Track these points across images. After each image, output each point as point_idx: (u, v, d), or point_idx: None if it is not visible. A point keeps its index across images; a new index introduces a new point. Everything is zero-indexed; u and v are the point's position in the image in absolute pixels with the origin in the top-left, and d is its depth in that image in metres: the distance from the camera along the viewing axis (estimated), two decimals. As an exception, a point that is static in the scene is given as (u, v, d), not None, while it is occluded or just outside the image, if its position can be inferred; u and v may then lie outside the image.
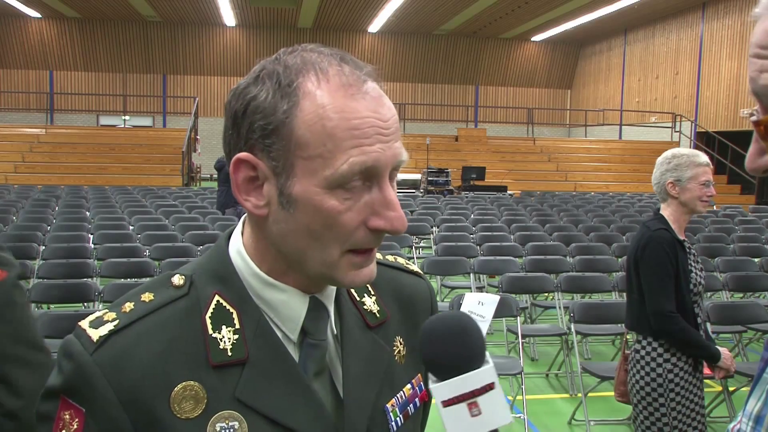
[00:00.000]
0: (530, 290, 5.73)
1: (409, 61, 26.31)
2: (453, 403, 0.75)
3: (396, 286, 0.98)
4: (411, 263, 1.05)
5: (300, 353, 0.83)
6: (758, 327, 5.03)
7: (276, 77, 0.76)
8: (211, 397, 0.76)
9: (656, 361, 2.70)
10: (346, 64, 0.77)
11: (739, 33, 18.78)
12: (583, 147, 21.19)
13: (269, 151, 0.75)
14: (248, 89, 0.77)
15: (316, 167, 0.74)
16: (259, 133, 0.75)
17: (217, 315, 0.80)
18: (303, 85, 0.75)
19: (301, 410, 0.79)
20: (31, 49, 24.28)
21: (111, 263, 5.30)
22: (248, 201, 0.78)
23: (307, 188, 0.75)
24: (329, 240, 0.76)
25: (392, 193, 0.77)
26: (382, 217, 0.76)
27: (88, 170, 16.40)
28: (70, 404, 0.75)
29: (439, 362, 0.76)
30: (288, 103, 0.74)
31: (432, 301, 1.03)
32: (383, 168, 0.76)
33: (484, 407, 0.75)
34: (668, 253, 2.68)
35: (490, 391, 0.75)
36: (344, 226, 0.75)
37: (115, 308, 0.80)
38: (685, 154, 2.76)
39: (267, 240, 0.80)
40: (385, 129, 0.76)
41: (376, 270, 0.84)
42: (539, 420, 4.51)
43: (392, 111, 0.78)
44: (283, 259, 0.80)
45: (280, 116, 0.74)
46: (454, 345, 0.76)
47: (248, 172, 0.77)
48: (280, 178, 0.76)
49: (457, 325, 0.78)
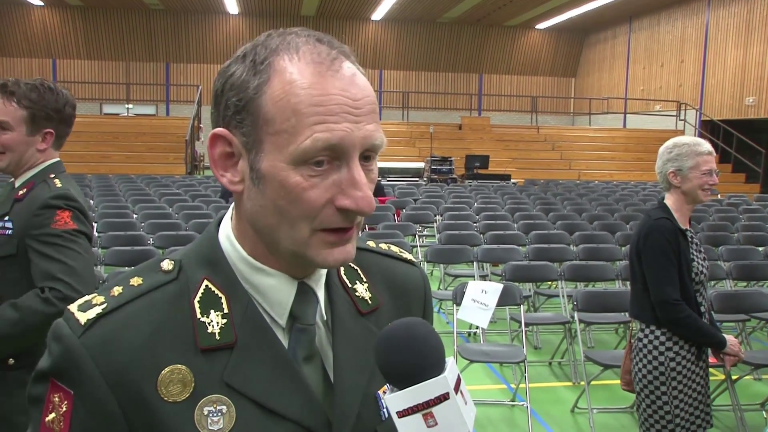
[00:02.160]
0: (533, 279, 5.74)
1: (413, 49, 26.19)
2: (407, 414, 0.73)
3: (389, 273, 0.98)
4: (404, 251, 1.04)
5: (289, 338, 0.83)
6: (762, 316, 5.03)
7: (252, 56, 0.77)
8: (198, 380, 0.77)
9: (658, 349, 2.70)
10: (321, 44, 0.78)
11: (745, 21, 18.63)
12: (587, 135, 21.13)
13: (241, 127, 0.77)
14: (229, 68, 0.79)
15: (281, 143, 0.75)
16: (233, 109, 0.77)
17: (205, 299, 0.80)
18: (275, 63, 0.76)
19: (289, 395, 0.79)
20: (34, 38, 24.23)
21: (115, 251, 5.31)
22: (224, 176, 0.80)
23: (273, 164, 0.75)
24: (296, 217, 0.76)
25: (360, 173, 0.76)
26: (348, 197, 0.76)
27: (91, 159, 16.40)
28: (59, 387, 0.76)
29: (392, 372, 0.75)
30: (259, 79, 0.76)
31: (425, 288, 1.02)
32: (350, 147, 0.75)
33: (440, 418, 0.73)
34: (669, 242, 2.67)
35: (445, 401, 0.73)
36: (309, 203, 0.75)
37: (104, 292, 0.80)
38: (687, 143, 2.73)
39: (244, 218, 0.81)
40: (354, 108, 0.76)
41: (365, 256, 0.84)
42: (542, 408, 4.52)
43: (366, 92, 0.78)
44: (260, 238, 0.81)
45: (251, 92, 0.76)
46: (405, 354, 0.74)
47: (224, 148, 0.79)
48: (251, 153, 0.77)
49: (409, 334, 0.76)
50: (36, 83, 2.01)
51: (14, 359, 1.91)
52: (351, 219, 0.78)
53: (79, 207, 1.95)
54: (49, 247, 1.86)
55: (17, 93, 1.96)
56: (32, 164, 2.03)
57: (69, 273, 1.83)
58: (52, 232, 1.87)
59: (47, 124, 2.01)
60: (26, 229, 1.89)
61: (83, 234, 1.94)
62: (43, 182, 1.99)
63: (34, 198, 1.94)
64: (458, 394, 0.74)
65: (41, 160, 2.05)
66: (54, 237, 1.87)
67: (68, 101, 2.07)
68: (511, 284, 4.82)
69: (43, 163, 2.05)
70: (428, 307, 1.02)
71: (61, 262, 1.85)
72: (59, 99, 2.04)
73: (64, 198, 1.93)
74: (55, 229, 1.87)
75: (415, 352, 0.75)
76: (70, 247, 1.87)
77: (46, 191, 1.94)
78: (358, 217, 0.78)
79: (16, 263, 1.90)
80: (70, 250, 1.87)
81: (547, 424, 4.30)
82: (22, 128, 1.97)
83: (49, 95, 2.01)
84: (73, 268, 1.85)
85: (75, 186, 2.05)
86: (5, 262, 1.92)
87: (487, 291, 3.74)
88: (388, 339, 0.76)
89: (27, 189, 1.98)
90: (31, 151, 2.01)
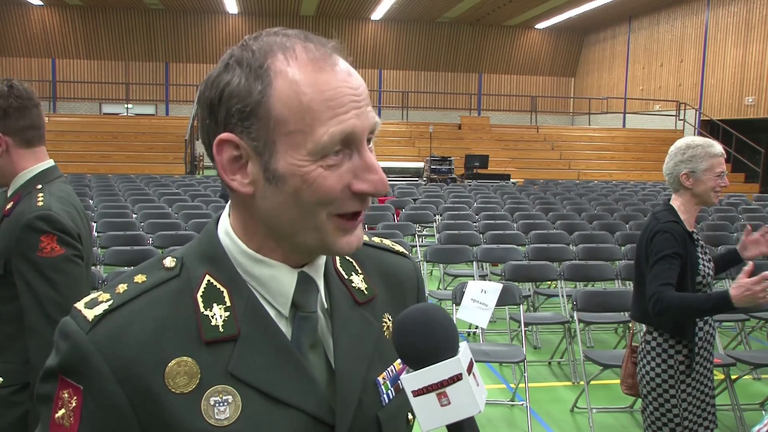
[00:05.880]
0: (533, 278, 5.74)
1: (412, 48, 26.18)
2: (422, 393, 0.77)
3: (382, 265, 1.01)
4: (396, 244, 1.07)
5: (292, 328, 0.85)
6: (761, 315, 5.04)
7: (246, 62, 0.79)
8: (204, 372, 0.78)
9: (667, 352, 2.66)
10: (310, 42, 0.80)
11: (745, 20, 18.63)
12: (587, 135, 21.12)
13: (249, 132, 0.78)
14: (220, 77, 0.80)
15: (297, 141, 0.77)
16: (238, 116, 0.78)
17: (208, 293, 0.82)
18: (273, 65, 0.78)
19: (292, 383, 0.82)
20: (34, 37, 24.20)
21: (114, 251, 5.31)
22: (234, 180, 0.81)
23: (292, 162, 0.77)
24: (317, 208, 0.79)
25: (372, 157, 0.81)
26: (365, 181, 0.79)
27: (91, 158, 16.40)
28: (68, 383, 0.77)
29: (408, 353, 0.79)
30: (262, 83, 0.77)
31: (418, 280, 1.05)
32: (360, 134, 0.79)
33: (453, 397, 0.77)
34: (677, 246, 2.61)
35: (458, 381, 0.77)
36: (330, 193, 0.78)
37: (109, 289, 0.82)
38: (700, 145, 2.67)
39: (255, 218, 0.83)
40: (357, 96, 0.79)
41: (363, 251, 0.87)
42: (542, 408, 4.52)
43: (360, 79, 0.81)
44: (273, 235, 0.83)
45: (256, 97, 0.77)
46: (421, 336, 0.79)
47: (232, 152, 0.80)
48: (263, 156, 0.79)
49: (426, 317, 0.81)
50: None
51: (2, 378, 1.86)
52: (366, 202, 0.82)
53: (63, 228, 1.83)
54: (37, 277, 1.78)
55: None
56: (13, 171, 1.90)
57: (58, 309, 1.76)
58: (38, 260, 1.78)
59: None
60: (13, 251, 1.80)
61: (74, 257, 1.85)
62: (28, 195, 1.87)
63: (18, 215, 1.83)
64: (470, 375, 0.78)
65: (22, 164, 1.91)
66: (41, 266, 1.78)
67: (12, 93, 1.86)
68: (511, 284, 4.83)
69: (33, 169, 1.93)
70: (421, 297, 1.05)
71: (49, 298, 1.77)
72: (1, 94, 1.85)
73: (46, 220, 1.80)
74: (42, 257, 1.78)
75: (431, 335, 0.79)
76: (57, 279, 1.79)
77: (28, 209, 1.82)
78: (369, 199, 0.82)
79: (6, 283, 1.83)
80: (58, 281, 1.79)
81: (547, 423, 4.30)
82: None
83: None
84: (60, 304, 1.77)
85: (64, 198, 1.92)
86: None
87: (486, 291, 3.74)
88: (406, 322, 0.81)
89: (14, 202, 1.88)
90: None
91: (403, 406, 0.89)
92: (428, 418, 0.77)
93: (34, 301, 1.77)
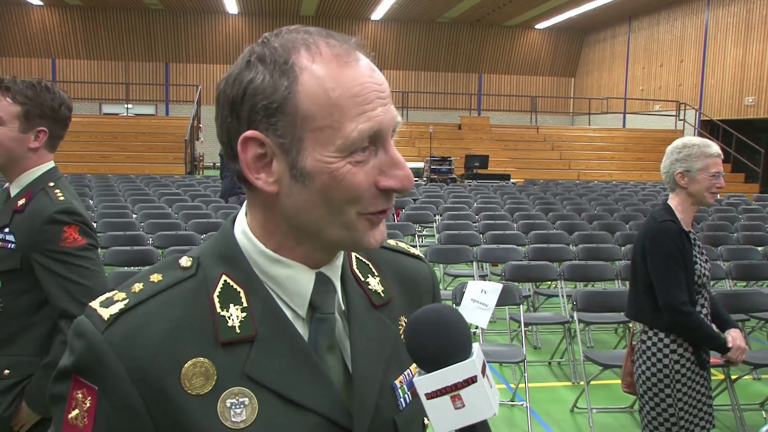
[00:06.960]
0: (533, 278, 5.74)
1: (412, 48, 26.19)
2: (436, 396, 0.76)
3: (398, 268, 1.00)
4: (411, 248, 1.06)
5: (310, 329, 0.84)
6: (761, 315, 5.03)
7: (269, 58, 0.77)
8: (220, 373, 0.77)
9: (663, 351, 2.67)
10: (332, 38, 0.80)
11: (745, 20, 18.63)
12: (587, 135, 21.12)
13: (275, 129, 0.77)
14: (242, 75, 0.78)
15: (326, 138, 0.76)
16: (263, 113, 0.77)
17: (224, 294, 0.81)
18: (298, 61, 0.76)
19: (310, 386, 0.80)
20: (33, 37, 24.21)
21: (114, 251, 5.30)
22: (259, 179, 0.79)
23: (320, 158, 0.76)
24: (346, 204, 0.78)
25: (397, 153, 0.80)
26: (391, 177, 0.79)
27: (91, 158, 16.39)
28: (83, 383, 0.76)
29: (421, 355, 0.78)
30: (288, 79, 0.76)
31: (434, 283, 1.04)
32: (386, 130, 0.79)
33: (467, 400, 0.75)
34: (676, 245, 2.63)
35: (472, 384, 0.75)
36: (358, 189, 0.77)
37: (125, 289, 0.81)
38: (696, 144, 2.68)
39: (279, 217, 0.81)
40: (382, 92, 0.79)
41: (375, 251, 0.86)
42: (541, 408, 4.52)
43: (382, 76, 0.81)
44: (294, 233, 0.82)
45: (283, 93, 0.76)
46: (435, 338, 0.77)
47: (257, 150, 0.78)
48: (290, 153, 0.77)
49: (439, 319, 0.79)
50: (33, 81, 2.00)
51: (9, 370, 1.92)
52: (391, 199, 0.81)
53: (84, 220, 1.95)
54: (62, 266, 1.86)
55: (12, 89, 1.94)
56: (25, 166, 1.99)
57: (86, 294, 1.85)
58: (62, 250, 1.87)
59: (41, 122, 1.98)
60: (33, 245, 1.88)
61: (93, 247, 1.95)
62: (42, 191, 1.96)
63: (37, 211, 1.91)
64: (484, 377, 0.77)
65: (35, 162, 2.00)
66: (65, 255, 1.87)
67: (64, 102, 2.04)
68: (511, 284, 4.83)
69: (39, 168, 2.01)
70: (437, 300, 1.03)
71: (77, 283, 1.87)
72: (55, 98, 2.01)
73: (69, 213, 1.92)
74: (65, 247, 1.88)
75: (445, 337, 0.77)
76: (83, 266, 1.89)
77: (49, 204, 1.92)
78: (394, 196, 0.81)
79: (19, 277, 1.90)
80: (84, 268, 1.89)
81: (547, 423, 4.30)
82: (15, 124, 1.94)
83: (46, 94, 1.99)
84: (88, 288, 1.87)
85: (74, 194, 2.02)
86: (7, 276, 1.91)
87: (486, 291, 3.73)
88: (420, 323, 0.79)
89: (26, 199, 1.95)
90: (22, 149, 1.96)
91: (420, 411, 0.88)
92: (442, 421, 0.76)
93: (63, 290, 1.86)
